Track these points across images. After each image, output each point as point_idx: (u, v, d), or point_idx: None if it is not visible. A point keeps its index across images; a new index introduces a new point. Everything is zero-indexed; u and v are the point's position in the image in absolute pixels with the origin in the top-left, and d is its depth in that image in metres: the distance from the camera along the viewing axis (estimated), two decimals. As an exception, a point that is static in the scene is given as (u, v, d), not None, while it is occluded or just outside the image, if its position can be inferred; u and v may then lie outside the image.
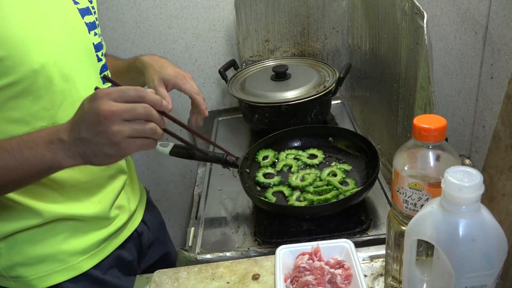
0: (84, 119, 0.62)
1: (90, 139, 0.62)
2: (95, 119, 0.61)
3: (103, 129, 0.61)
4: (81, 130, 0.62)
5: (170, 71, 0.93)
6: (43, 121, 0.73)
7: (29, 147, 0.63)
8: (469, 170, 0.48)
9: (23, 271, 0.78)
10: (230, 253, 0.87)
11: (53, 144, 0.63)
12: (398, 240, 0.64)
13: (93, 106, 0.61)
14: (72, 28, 0.78)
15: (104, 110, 0.60)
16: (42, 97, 0.72)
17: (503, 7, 1.22)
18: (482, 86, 1.41)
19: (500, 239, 0.49)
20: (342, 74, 1.21)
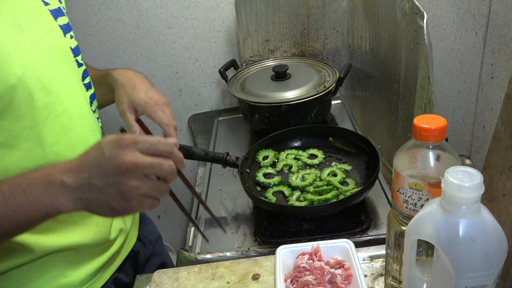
0: (101, 164, 0.55)
1: (101, 188, 0.55)
2: (115, 168, 0.54)
3: (120, 181, 0.54)
4: (93, 175, 0.55)
5: (141, 95, 0.82)
6: (27, 142, 0.65)
7: (23, 191, 0.55)
8: (469, 170, 0.48)
9: None
10: (230, 253, 0.87)
11: (53, 187, 0.56)
12: (398, 240, 0.64)
13: (116, 153, 0.54)
14: (46, 32, 0.70)
15: (128, 161, 0.54)
16: (24, 115, 0.64)
17: (503, 7, 1.22)
18: (482, 86, 1.41)
19: (500, 239, 0.49)
20: (342, 74, 1.21)
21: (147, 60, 1.52)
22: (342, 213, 0.92)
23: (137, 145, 0.55)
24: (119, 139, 0.56)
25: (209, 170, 1.18)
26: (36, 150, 0.67)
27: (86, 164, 0.56)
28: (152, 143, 0.57)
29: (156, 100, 0.83)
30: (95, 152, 0.56)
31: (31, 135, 0.66)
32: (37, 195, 0.55)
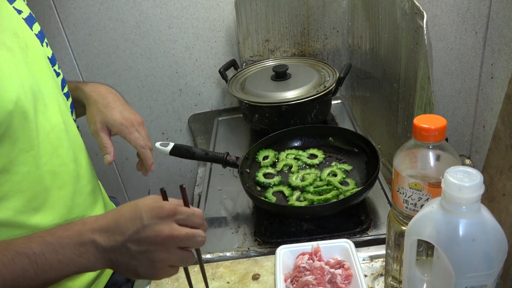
0: (138, 231, 0.55)
1: (133, 254, 0.55)
2: (152, 238, 0.55)
3: (153, 250, 0.55)
4: (128, 240, 0.55)
5: (116, 115, 0.80)
6: (24, 165, 0.64)
7: (55, 250, 0.55)
8: (469, 170, 0.48)
9: None
10: (230, 253, 0.87)
11: (84, 247, 0.55)
12: (398, 240, 0.64)
13: (154, 223, 0.55)
14: (26, 45, 0.66)
15: (165, 234, 0.55)
16: (19, 138, 0.63)
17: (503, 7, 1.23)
18: (482, 86, 1.41)
19: (500, 239, 0.49)
20: (342, 74, 1.21)
21: (147, 60, 1.52)
22: (342, 213, 0.92)
23: (175, 216, 0.57)
24: (159, 208, 0.56)
25: (209, 170, 1.18)
26: (33, 173, 0.66)
27: (122, 227, 0.56)
28: (188, 215, 0.58)
29: (131, 121, 0.81)
30: (133, 216, 0.56)
31: (28, 158, 0.65)
32: (69, 255, 0.55)
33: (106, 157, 0.80)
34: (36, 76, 0.67)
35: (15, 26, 0.66)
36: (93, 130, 0.80)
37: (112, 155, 0.80)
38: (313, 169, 1.05)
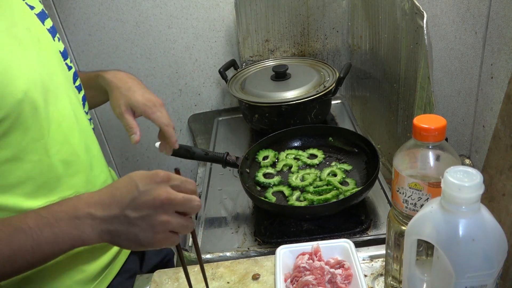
0: (135, 197, 0.56)
1: (132, 221, 0.56)
2: (150, 202, 0.56)
3: (152, 214, 0.56)
4: (127, 208, 0.56)
5: (139, 97, 0.83)
6: (35, 153, 0.67)
7: (50, 224, 0.56)
8: (469, 170, 0.48)
9: None
10: (230, 253, 0.87)
11: (80, 220, 0.56)
12: (398, 240, 0.64)
13: (151, 188, 0.56)
14: (38, 39, 0.69)
15: (163, 196, 0.56)
16: (30, 127, 0.65)
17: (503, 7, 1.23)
18: (482, 86, 1.42)
19: (500, 239, 0.49)
20: (342, 74, 1.21)
21: (147, 60, 1.52)
22: (342, 213, 0.92)
23: (170, 182, 0.57)
24: (154, 174, 0.57)
25: (209, 170, 1.18)
26: (44, 161, 0.68)
27: (118, 197, 0.57)
28: (182, 181, 0.59)
29: (154, 102, 0.84)
30: (128, 186, 0.57)
31: (38, 147, 0.67)
32: (65, 229, 0.56)
33: (133, 137, 0.82)
34: (48, 69, 0.69)
35: (28, 21, 0.69)
36: (118, 113, 0.83)
37: (138, 135, 0.82)
38: (313, 169, 1.05)
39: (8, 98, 0.61)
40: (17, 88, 0.61)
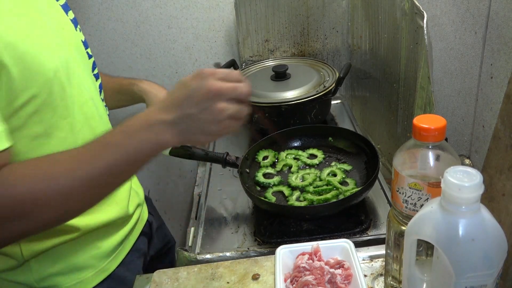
0: (191, 95, 0.61)
1: (195, 116, 0.61)
2: (205, 95, 0.61)
3: (210, 105, 0.61)
4: (187, 106, 0.61)
5: None
6: (62, 131, 0.72)
7: (132, 135, 0.61)
8: (469, 170, 0.48)
9: (57, 280, 0.78)
10: (230, 253, 0.87)
11: (155, 126, 0.61)
12: (398, 240, 0.64)
13: (202, 83, 0.61)
14: (62, 28, 0.75)
15: (214, 87, 0.61)
16: (58, 106, 0.70)
17: (503, 7, 1.23)
18: (482, 86, 1.42)
19: (500, 239, 0.49)
20: (342, 74, 1.21)
21: (147, 60, 1.52)
22: (342, 213, 0.92)
23: (215, 75, 0.62)
24: (199, 72, 0.63)
25: (209, 170, 1.18)
26: (69, 138, 0.73)
27: (176, 100, 0.62)
28: (226, 73, 0.64)
29: None
30: (181, 89, 0.63)
31: (65, 125, 0.72)
32: (144, 136, 0.61)
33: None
34: (71, 56, 0.74)
35: (53, 11, 0.75)
36: None
37: None
38: (313, 169, 1.05)
39: (40, 76, 0.66)
40: (47, 68, 0.67)
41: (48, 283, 0.78)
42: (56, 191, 0.59)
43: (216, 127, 0.63)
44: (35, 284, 0.77)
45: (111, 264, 0.85)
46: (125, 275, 0.87)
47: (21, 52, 0.63)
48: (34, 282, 0.77)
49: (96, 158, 0.61)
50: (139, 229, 0.95)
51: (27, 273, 0.76)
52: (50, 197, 0.59)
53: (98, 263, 0.82)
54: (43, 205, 0.59)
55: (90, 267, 0.81)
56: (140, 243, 0.95)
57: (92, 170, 0.60)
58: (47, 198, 0.59)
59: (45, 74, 0.67)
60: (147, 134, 0.61)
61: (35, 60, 0.65)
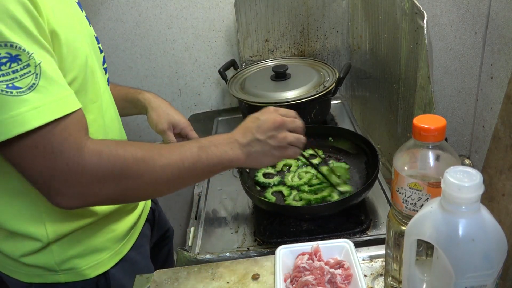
0: (260, 125, 0.77)
1: (263, 141, 0.76)
2: (271, 125, 0.77)
3: (275, 133, 0.77)
4: (257, 133, 0.76)
5: (181, 117, 1.03)
6: (92, 113, 0.77)
7: (215, 145, 0.74)
8: (469, 170, 0.48)
9: (77, 262, 0.81)
10: (230, 253, 0.87)
11: (232, 144, 0.75)
12: (398, 240, 0.64)
13: (269, 117, 0.78)
14: (80, 22, 0.79)
15: (278, 120, 0.78)
16: (89, 89, 0.76)
17: (503, 7, 1.23)
18: (482, 86, 1.41)
19: (500, 239, 0.49)
20: (342, 74, 1.21)
21: (147, 60, 1.52)
22: (342, 213, 0.92)
23: (278, 111, 0.80)
24: (267, 109, 0.81)
25: (209, 170, 1.18)
26: (98, 121, 0.79)
27: (249, 128, 0.77)
28: (286, 111, 0.82)
29: (188, 122, 1.04)
30: (252, 120, 0.79)
31: (95, 108, 0.78)
32: (225, 149, 0.75)
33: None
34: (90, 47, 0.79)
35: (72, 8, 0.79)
36: (161, 129, 1.00)
37: None
38: (309, 167, 1.05)
39: (78, 60, 0.71)
40: (82, 53, 0.73)
41: (68, 265, 0.80)
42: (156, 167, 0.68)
43: (279, 152, 0.78)
44: (56, 267, 0.80)
45: (124, 247, 0.88)
46: (137, 258, 0.91)
47: (65, 34, 0.67)
48: (55, 264, 0.79)
49: (189, 153, 0.72)
50: (145, 215, 0.99)
51: (48, 255, 0.79)
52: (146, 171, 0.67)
53: (113, 246, 0.85)
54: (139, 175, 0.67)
55: (106, 249, 0.84)
56: (146, 229, 0.99)
57: (184, 161, 0.71)
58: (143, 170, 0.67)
59: (81, 58, 0.72)
60: (225, 147, 0.75)
61: (74, 44, 0.70)
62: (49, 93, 0.60)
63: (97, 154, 0.64)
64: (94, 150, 0.64)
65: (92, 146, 0.65)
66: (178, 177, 0.72)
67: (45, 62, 0.61)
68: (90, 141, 0.66)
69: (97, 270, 0.83)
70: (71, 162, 0.62)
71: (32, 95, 0.59)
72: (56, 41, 0.66)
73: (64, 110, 0.62)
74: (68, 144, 0.62)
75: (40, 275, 0.81)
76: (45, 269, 0.80)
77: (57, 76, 0.63)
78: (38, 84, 0.60)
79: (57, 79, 0.62)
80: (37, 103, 0.59)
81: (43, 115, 0.59)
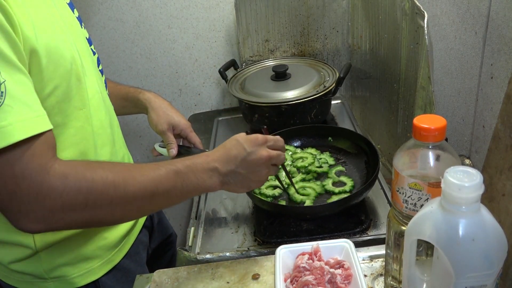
0: (245, 158, 0.74)
1: (244, 175, 0.75)
2: (256, 161, 0.75)
3: (259, 169, 0.76)
4: (239, 165, 0.74)
5: (181, 120, 1.02)
6: (78, 120, 0.75)
7: (193, 171, 0.71)
8: (469, 170, 0.48)
9: (66, 270, 0.80)
10: (230, 253, 0.87)
11: (211, 172, 0.73)
12: (398, 240, 0.64)
13: (255, 149, 0.75)
14: (70, 24, 0.77)
15: (265, 156, 0.76)
16: (74, 96, 0.73)
17: (503, 7, 1.22)
18: (482, 86, 1.41)
19: (500, 239, 0.49)
20: (342, 74, 1.21)
21: (147, 60, 1.52)
22: (342, 213, 0.92)
23: (267, 143, 0.78)
24: (255, 139, 0.77)
25: (209, 170, 1.17)
26: (85, 128, 0.77)
27: (232, 156, 0.74)
28: (275, 141, 0.80)
29: (189, 124, 1.04)
30: (237, 147, 0.75)
31: (81, 115, 0.75)
32: (203, 176, 0.72)
33: (171, 151, 1.00)
34: (80, 50, 0.77)
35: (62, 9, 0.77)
36: (161, 130, 1.00)
37: (176, 149, 1.00)
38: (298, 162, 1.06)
39: (61, 67, 0.69)
40: (66, 59, 0.70)
41: (57, 273, 0.79)
42: (128, 192, 0.65)
43: (257, 184, 0.79)
44: (45, 275, 0.79)
45: (117, 255, 0.87)
46: (130, 266, 0.90)
47: (45, 43, 0.65)
48: (44, 272, 0.79)
49: (165, 178, 0.69)
50: (142, 222, 0.97)
51: (37, 263, 0.78)
52: (117, 196, 0.64)
53: (105, 254, 0.84)
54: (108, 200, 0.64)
55: (97, 257, 0.83)
56: (143, 236, 0.97)
57: (158, 186, 0.68)
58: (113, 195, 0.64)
59: (64, 66, 0.69)
60: (204, 175, 0.72)
61: (57, 51, 0.68)
62: (14, 113, 0.57)
63: (62, 177, 0.61)
64: (60, 173, 0.61)
65: (59, 169, 0.61)
66: (150, 203, 0.69)
67: (11, 81, 0.58)
68: (58, 162, 0.62)
69: (87, 278, 0.82)
70: (34, 185, 0.59)
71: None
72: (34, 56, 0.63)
73: (29, 131, 0.58)
74: (32, 167, 0.59)
75: (30, 282, 0.80)
76: (35, 277, 0.79)
77: (26, 96, 0.60)
78: (3, 103, 0.56)
79: (24, 100, 0.59)
80: (1, 123, 0.56)
81: (5, 136, 0.56)
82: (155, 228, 1.05)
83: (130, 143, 0.90)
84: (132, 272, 0.89)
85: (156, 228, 1.06)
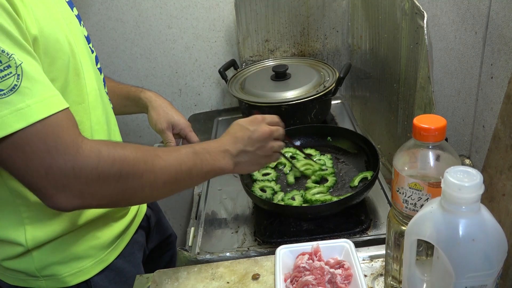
0: (250, 136, 0.80)
1: (252, 152, 0.81)
2: (260, 136, 0.81)
3: (264, 144, 0.82)
4: (247, 144, 0.80)
5: (180, 119, 1.03)
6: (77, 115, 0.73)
7: (208, 152, 0.76)
8: (469, 170, 0.48)
9: (57, 269, 0.80)
10: (230, 253, 0.87)
11: (224, 153, 0.78)
12: (398, 240, 0.64)
13: (257, 127, 0.82)
14: (69, 22, 0.77)
15: (266, 131, 0.82)
16: (71, 91, 0.74)
17: (503, 7, 1.22)
18: (482, 86, 1.41)
19: (500, 239, 0.49)
20: (342, 74, 1.21)
21: (147, 60, 1.52)
22: (342, 213, 0.92)
23: (265, 120, 0.84)
24: (254, 118, 0.84)
25: (209, 170, 1.17)
26: (85, 123, 0.78)
27: (239, 138, 0.80)
28: (271, 118, 0.86)
29: (188, 123, 1.05)
30: (242, 129, 0.82)
31: (80, 109, 0.76)
32: (217, 157, 0.77)
33: None
34: (78, 47, 0.78)
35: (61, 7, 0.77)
36: (160, 129, 1.01)
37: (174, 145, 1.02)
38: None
39: (58, 61, 0.69)
40: (64, 54, 0.71)
41: (49, 271, 0.79)
42: (156, 168, 0.68)
43: (264, 160, 0.84)
44: (37, 273, 0.79)
45: (110, 255, 0.86)
46: (124, 266, 0.89)
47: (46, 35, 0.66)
48: (35, 270, 0.79)
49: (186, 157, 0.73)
50: (138, 222, 0.97)
51: (29, 261, 0.78)
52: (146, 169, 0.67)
53: (97, 253, 0.84)
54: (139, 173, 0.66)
55: (89, 257, 0.83)
56: (139, 236, 0.97)
57: (181, 164, 0.72)
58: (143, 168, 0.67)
59: (62, 59, 0.70)
60: (218, 156, 0.77)
61: (56, 44, 0.68)
62: (32, 94, 0.59)
63: (95, 149, 0.63)
64: (92, 146, 0.63)
65: (90, 143, 0.63)
66: (175, 180, 0.71)
67: (26, 63, 0.59)
68: (87, 139, 0.64)
69: (78, 277, 0.81)
70: (69, 158, 0.61)
71: (14, 97, 0.57)
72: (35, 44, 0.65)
73: (51, 109, 0.60)
74: (63, 142, 0.61)
75: (23, 280, 0.80)
76: (27, 274, 0.80)
77: (41, 76, 0.62)
78: (20, 85, 0.58)
79: (40, 80, 0.61)
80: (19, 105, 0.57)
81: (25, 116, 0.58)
82: (152, 228, 1.05)
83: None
84: (126, 272, 0.88)
85: (154, 228, 1.06)
